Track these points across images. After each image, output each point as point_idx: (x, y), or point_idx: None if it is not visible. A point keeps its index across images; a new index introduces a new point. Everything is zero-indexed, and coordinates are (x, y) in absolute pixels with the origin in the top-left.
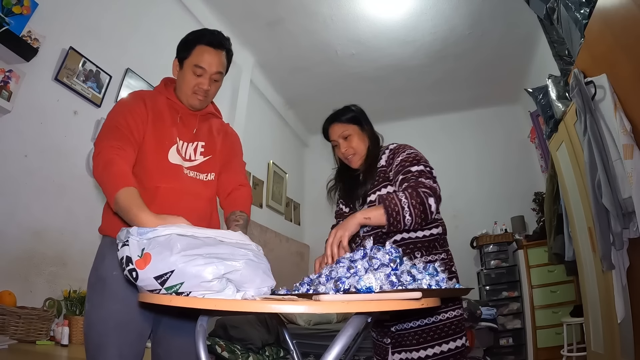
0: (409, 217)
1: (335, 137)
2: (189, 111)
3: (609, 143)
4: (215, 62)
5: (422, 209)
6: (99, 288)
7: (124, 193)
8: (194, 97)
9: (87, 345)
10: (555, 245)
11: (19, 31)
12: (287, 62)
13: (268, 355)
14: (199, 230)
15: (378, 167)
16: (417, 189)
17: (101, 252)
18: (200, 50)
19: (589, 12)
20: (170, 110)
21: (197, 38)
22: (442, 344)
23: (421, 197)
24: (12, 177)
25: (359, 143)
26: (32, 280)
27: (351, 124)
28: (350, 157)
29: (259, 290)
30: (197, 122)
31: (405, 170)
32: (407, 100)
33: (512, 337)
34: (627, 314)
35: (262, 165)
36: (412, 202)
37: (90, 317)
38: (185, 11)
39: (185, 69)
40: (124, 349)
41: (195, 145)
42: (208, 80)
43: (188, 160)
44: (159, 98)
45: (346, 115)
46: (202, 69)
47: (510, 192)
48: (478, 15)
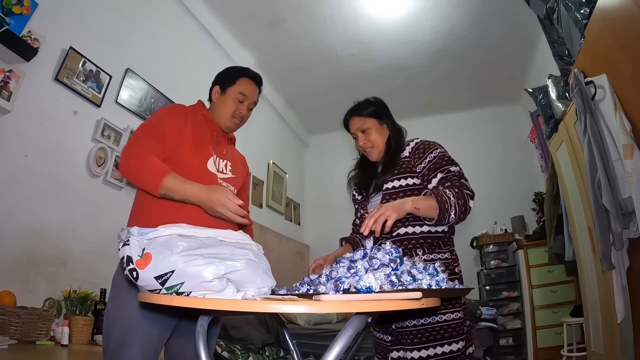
0: (453, 215)
1: (354, 130)
2: (221, 132)
3: (609, 143)
4: (255, 93)
5: (464, 209)
6: (124, 287)
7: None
8: (232, 120)
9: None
10: (555, 245)
11: (19, 31)
12: (287, 62)
13: (268, 355)
14: (200, 230)
15: (401, 158)
16: (462, 190)
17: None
18: (244, 81)
19: (589, 12)
20: (208, 127)
21: (243, 71)
22: (437, 346)
23: (465, 198)
24: (12, 177)
25: (376, 137)
26: (32, 280)
27: (370, 117)
28: (368, 150)
29: (259, 290)
30: (226, 143)
31: (444, 169)
32: (407, 100)
33: (512, 337)
34: (627, 314)
35: (262, 165)
36: (458, 202)
37: (116, 314)
38: (185, 11)
39: (228, 95)
40: (146, 348)
41: (226, 162)
42: (246, 107)
43: (221, 172)
44: (197, 114)
45: (366, 109)
46: (245, 96)
47: (510, 192)
48: (478, 15)
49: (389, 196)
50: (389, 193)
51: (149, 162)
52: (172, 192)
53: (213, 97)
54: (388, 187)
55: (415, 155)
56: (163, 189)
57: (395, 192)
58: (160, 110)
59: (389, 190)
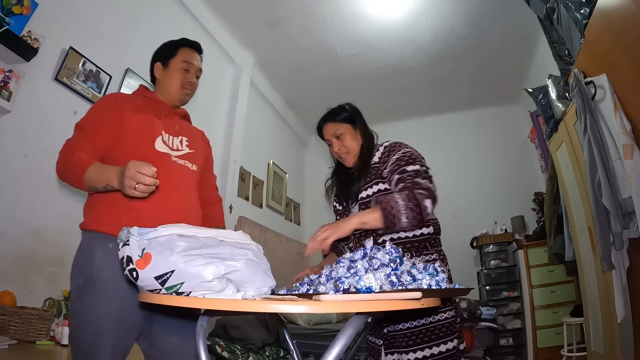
0: (405, 220)
1: (328, 136)
2: (169, 109)
3: (609, 143)
4: (198, 60)
5: (419, 211)
6: (89, 288)
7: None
8: (182, 91)
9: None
10: (555, 245)
11: (19, 31)
12: (287, 62)
13: (268, 355)
14: (200, 230)
15: (372, 164)
16: (414, 191)
17: (88, 250)
18: (184, 50)
19: (589, 12)
20: (152, 108)
21: (180, 41)
22: (433, 346)
23: (417, 199)
24: (12, 177)
25: (351, 142)
26: (32, 280)
27: (344, 122)
28: (343, 155)
29: (259, 290)
30: (178, 119)
31: (400, 170)
32: (407, 100)
33: (512, 337)
34: (627, 314)
35: (262, 165)
36: (408, 205)
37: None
38: (185, 11)
39: (172, 68)
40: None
41: (180, 138)
42: (194, 76)
43: (175, 150)
44: (137, 98)
45: (339, 115)
46: (191, 64)
47: (510, 192)
48: (478, 15)
49: (364, 205)
50: (364, 202)
51: (73, 159)
52: (95, 182)
53: (156, 74)
54: (362, 196)
55: (382, 160)
56: (87, 182)
57: (369, 200)
58: (94, 104)
59: (364, 199)
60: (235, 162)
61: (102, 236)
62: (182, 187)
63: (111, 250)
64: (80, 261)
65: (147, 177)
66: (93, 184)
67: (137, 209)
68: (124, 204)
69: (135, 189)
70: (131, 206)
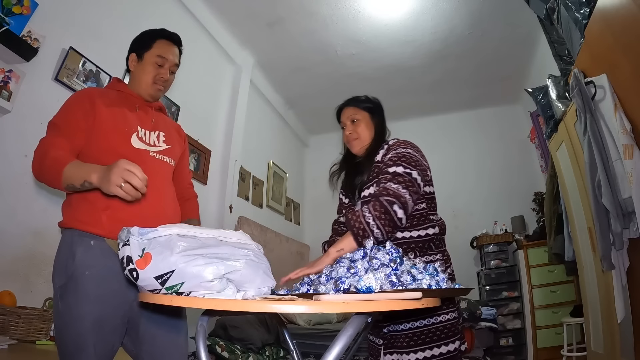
0: (377, 230)
1: (345, 119)
2: (144, 102)
3: (609, 143)
4: (175, 54)
5: (389, 217)
6: (71, 288)
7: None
8: (154, 86)
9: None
10: (555, 245)
11: (19, 31)
12: (287, 62)
13: (268, 355)
14: (200, 230)
15: (375, 162)
16: (380, 198)
17: (69, 249)
18: (161, 43)
19: (589, 12)
20: (126, 102)
21: (157, 33)
22: (434, 347)
23: (384, 207)
24: (12, 177)
25: (364, 130)
26: (32, 280)
27: (363, 110)
28: (352, 141)
29: (259, 290)
30: (153, 113)
31: (384, 171)
32: (407, 100)
33: (512, 337)
34: (627, 314)
35: (262, 165)
36: (376, 215)
37: (65, 317)
38: (185, 11)
39: (145, 61)
40: (100, 347)
41: (157, 133)
42: (167, 71)
43: (153, 146)
44: (111, 92)
45: (361, 102)
46: (164, 59)
47: (510, 192)
48: (478, 15)
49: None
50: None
51: (50, 158)
52: (72, 179)
53: (131, 66)
54: (365, 195)
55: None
56: (65, 181)
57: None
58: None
59: (365, 197)
60: (235, 162)
61: (82, 234)
62: (161, 184)
63: (93, 247)
64: (62, 260)
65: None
66: (71, 182)
67: (115, 207)
68: (102, 202)
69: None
70: (109, 204)
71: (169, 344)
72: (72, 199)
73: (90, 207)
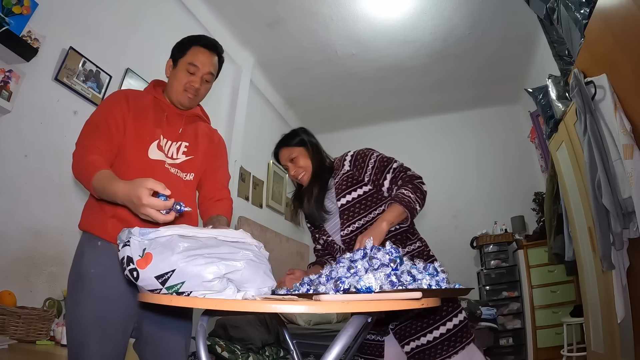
0: (419, 208)
1: (284, 162)
2: (175, 111)
3: (609, 143)
4: (208, 63)
5: (423, 196)
6: (78, 285)
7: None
8: (184, 94)
9: (69, 342)
10: (555, 245)
11: (19, 31)
12: (287, 62)
13: (268, 355)
14: (200, 230)
15: (343, 174)
16: (413, 181)
17: (80, 249)
18: (195, 50)
19: (589, 12)
20: (156, 109)
21: (194, 40)
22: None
23: (419, 188)
24: (12, 177)
25: (306, 162)
26: (32, 280)
27: (296, 146)
28: (300, 177)
29: (259, 290)
30: (183, 122)
31: (389, 169)
32: (407, 100)
33: (512, 337)
34: (627, 314)
35: (262, 165)
36: (417, 195)
37: (71, 314)
38: (185, 11)
39: (178, 68)
40: (105, 346)
41: (179, 144)
42: (200, 79)
43: (170, 158)
44: (146, 97)
45: (292, 140)
46: (196, 67)
47: (510, 192)
48: (478, 15)
49: (346, 211)
50: (345, 208)
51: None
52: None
53: (167, 71)
54: (343, 203)
55: (356, 166)
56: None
57: (351, 204)
58: (103, 100)
59: (345, 205)
60: (235, 162)
61: (91, 236)
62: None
63: (99, 248)
64: (75, 260)
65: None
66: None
67: (121, 216)
68: (110, 211)
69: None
70: (116, 213)
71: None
72: (89, 203)
73: (98, 213)
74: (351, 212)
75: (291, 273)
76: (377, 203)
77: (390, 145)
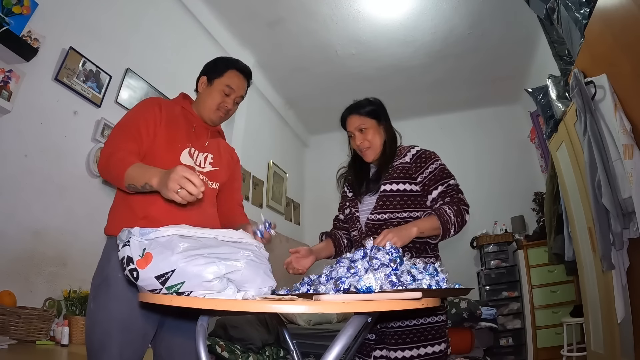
0: (453, 232)
1: (352, 129)
2: (202, 124)
3: (609, 143)
4: (242, 87)
5: (462, 224)
6: (103, 288)
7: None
8: (217, 113)
9: (89, 344)
10: (555, 245)
11: (19, 31)
12: (287, 62)
13: (268, 355)
14: (200, 230)
15: (401, 162)
16: (460, 206)
17: (107, 253)
18: (233, 73)
19: (589, 12)
20: (185, 120)
21: (232, 63)
22: (421, 347)
23: (462, 215)
24: (12, 177)
25: (374, 137)
26: (32, 280)
27: (369, 117)
28: (364, 150)
29: (259, 290)
30: (208, 136)
31: (444, 182)
32: (407, 100)
33: (512, 337)
34: (627, 314)
35: (262, 165)
36: (457, 219)
37: (94, 316)
38: (185, 11)
39: (214, 87)
40: (125, 349)
41: (206, 155)
42: (232, 101)
43: (198, 166)
44: (176, 107)
45: (365, 108)
46: (232, 89)
47: (510, 192)
48: (478, 15)
49: (385, 198)
50: (385, 195)
51: (117, 157)
52: (135, 180)
53: (199, 87)
54: (386, 190)
55: (417, 163)
56: (127, 179)
57: (392, 194)
58: (135, 106)
59: (386, 192)
60: None
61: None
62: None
63: None
64: (101, 263)
65: (192, 185)
66: (132, 182)
67: (152, 218)
68: (141, 212)
69: (178, 193)
70: (147, 214)
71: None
72: (116, 207)
73: (129, 216)
74: (389, 201)
75: (296, 252)
76: (415, 206)
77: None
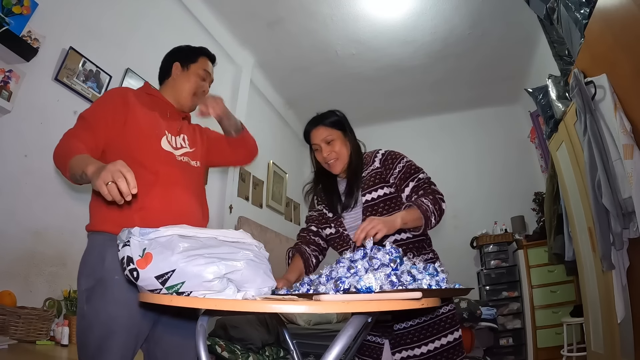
0: (434, 221)
1: (318, 141)
2: (174, 110)
3: (609, 143)
4: (212, 72)
5: (440, 212)
6: (99, 291)
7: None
8: (193, 98)
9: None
10: (555, 245)
11: (19, 31)
12: (287, 62)
13: (268, 355)
14: (201, 230)
15: (372, 169)
16: (435, 196)
17: (98, 252)
18: (205, 59)
19: (589, 12)
20: (157, 107)
21: (203, 50)
22: (441, 338)
23: (439, 203)
24: (12, 177)
25: (341, 148)
26: (32, 280)
27: (335, 128)
28: (331, 162)
29: (259, 290)
30: (180, 121)
31: (414, 177)
32: (407, 100)
33: (512, 337)
34: (627, 314)
35: (262, 165)
36: (435, 207)
37: (90, 320)
38: (185, 11)
39: (191, 72)
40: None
41: (182, 136)
42: (208, 84)
43: (178, 149)
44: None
45: (330, 119)
46: (208, 73)
47: (510, 192)
48: (478, 15)
49: (370, 208)
50: (369, 205)
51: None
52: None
53: (173, 73)
54: (367, 200)
55: (385, 166)
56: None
57: (375, 202)
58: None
59: (369, 202)
60: None
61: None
62: (188, 186)
63: None
64: (90, 263)
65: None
66: (73, 172)
67: (147, 208)
68: (136, 203)
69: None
70: (142, 205)
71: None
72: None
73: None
74: (374, 209)
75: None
76: (399, 207)
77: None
